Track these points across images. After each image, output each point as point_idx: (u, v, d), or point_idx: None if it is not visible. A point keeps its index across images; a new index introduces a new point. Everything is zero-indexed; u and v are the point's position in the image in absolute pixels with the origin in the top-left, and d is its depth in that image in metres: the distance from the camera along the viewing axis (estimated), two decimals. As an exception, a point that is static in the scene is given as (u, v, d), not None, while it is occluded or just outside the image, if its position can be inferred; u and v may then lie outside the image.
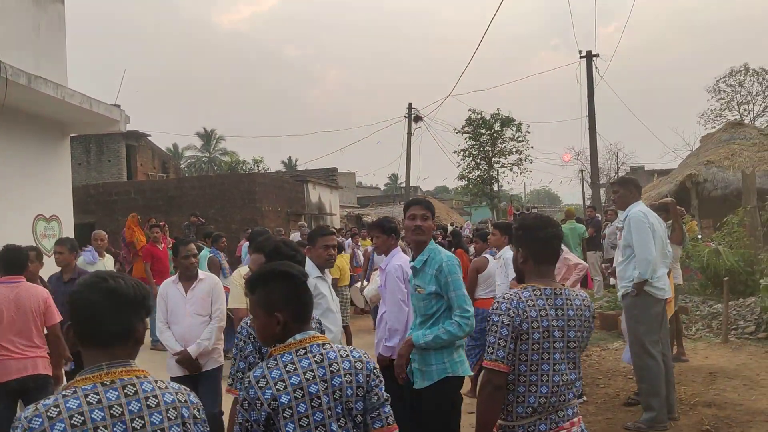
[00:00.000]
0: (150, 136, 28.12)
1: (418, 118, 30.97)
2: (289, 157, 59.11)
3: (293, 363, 2.21)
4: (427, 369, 3.85)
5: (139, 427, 1.74)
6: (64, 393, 1.72)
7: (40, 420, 1.64)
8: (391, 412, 2.36)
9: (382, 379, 2.39)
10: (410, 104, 31.21)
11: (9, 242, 9.63)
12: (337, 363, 2.26)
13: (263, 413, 2.15)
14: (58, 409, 1.67)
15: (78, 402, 1.69)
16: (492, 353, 2.71)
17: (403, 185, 59.81)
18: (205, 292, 5.14)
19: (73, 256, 6.25)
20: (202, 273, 5.24)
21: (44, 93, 10.74)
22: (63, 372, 5.24)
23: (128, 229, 12.12)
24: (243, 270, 5.73)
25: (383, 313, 5.08)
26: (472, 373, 4.21)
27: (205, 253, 9.86)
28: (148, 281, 9.87)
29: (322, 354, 2.27)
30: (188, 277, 5.15)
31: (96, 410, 1.69)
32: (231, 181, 20.77)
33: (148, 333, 9.98)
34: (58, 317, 4.94)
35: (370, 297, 6.83)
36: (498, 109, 37.04)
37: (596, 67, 23.61)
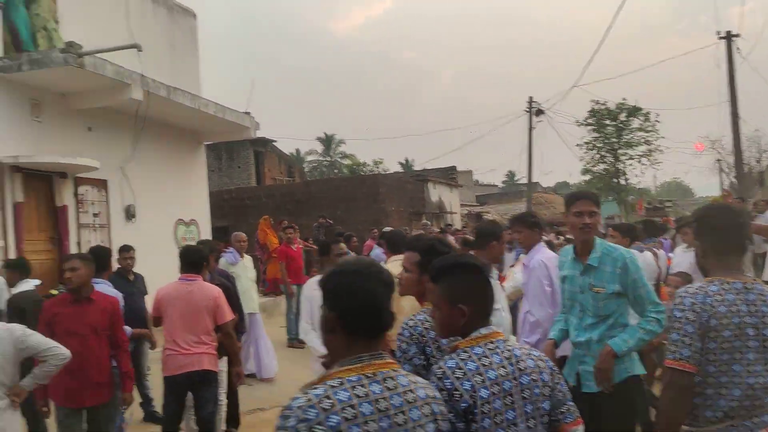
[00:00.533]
0: (276, 142, 29.16)
1: (539, 112, 30.03)
2: (406, 158, 59.36)
3: (486, 356, 2.12)
4: None
5: (401, 423, 1.70)
6: (331, 384, 1.69)
7: (315, 411, 1.62)
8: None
9: (561, 375, 2.30)
10: (531, 98, 30.39)
11: (155, 245, 10.18)
12: (523, 361, 2.17)
13: (463, 404, 2.06)
14: (330, 401, 1.64)
15: (347, 394, 1.66)
16: (675, 352, 2.47)
17: (521, 182, 58.57)
18: None
19: (211, 258, 6.45)
20: None
21: (182, 104, 11.35)
22: (242, 369, 5.46)
23: (261, 232, 12.55)
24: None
25: (527, 312, 4.84)
26: (645, 372, 3.91)
27: (336, 253, 9.97)
28: (283, 281, 10.13)
29: (509, 350, 2.18)
30: None
31: (365, 403, 1.66)
32: (355, 183, 21.14)
33: (284, 331, 10.24)
34: (229, 315, 5.08)
35: (507, 294, 6.58)
36: (624, 99, 35.34)
37: (738, 48, 21.84)
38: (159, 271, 7.26)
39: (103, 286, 5.10)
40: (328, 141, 56.90)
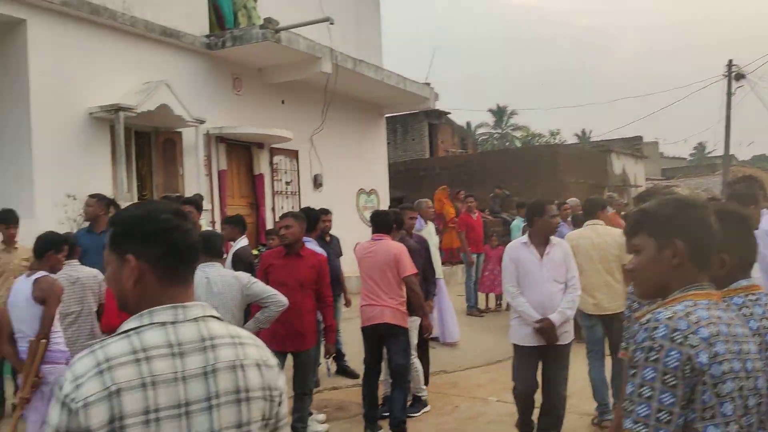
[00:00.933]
0: (450, 114, 29.16)
1: (739, 76, 27.23)
2: (583, 129, 56.74)
3: (747, 307, 2.01)
4: None
5: (746, 351, 1.72)
6: (686, 303, 1.72)
7: (686, 322, 1.65)
8: None
9: None
10: (730, 61, 27.63)
11: (339, 213, 10.64)
12: None
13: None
14: (695, 316, 1.66)
15: (706, 313, 1.69)
16: None
17: (712, 154, 53.75)
18: (561, 258, 4.80)
19: (409, 222, 6.64)
20: (554, 238, 4.88)
21: (366, 75, 11.67)
22: (430, 322, 5.64)
23: (438, 202, 12.63)
24: (576, 232, 5.58)
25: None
26: None
27: (518, 223, 9.83)
28: (464, 249, 10.17)
29: None
30: (541, 241, 4.81)
31: (720, 324, 1.68)
32: (532, 154, 20.62)
33: (462, 299, 10.28)
34: (411, 269, 5.27)
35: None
36: (841, 59, 31.09)
37: None
38: (343, 237, 7.58)
39: (312, 245, 5.46)
40: (499, 113, 55.85)
